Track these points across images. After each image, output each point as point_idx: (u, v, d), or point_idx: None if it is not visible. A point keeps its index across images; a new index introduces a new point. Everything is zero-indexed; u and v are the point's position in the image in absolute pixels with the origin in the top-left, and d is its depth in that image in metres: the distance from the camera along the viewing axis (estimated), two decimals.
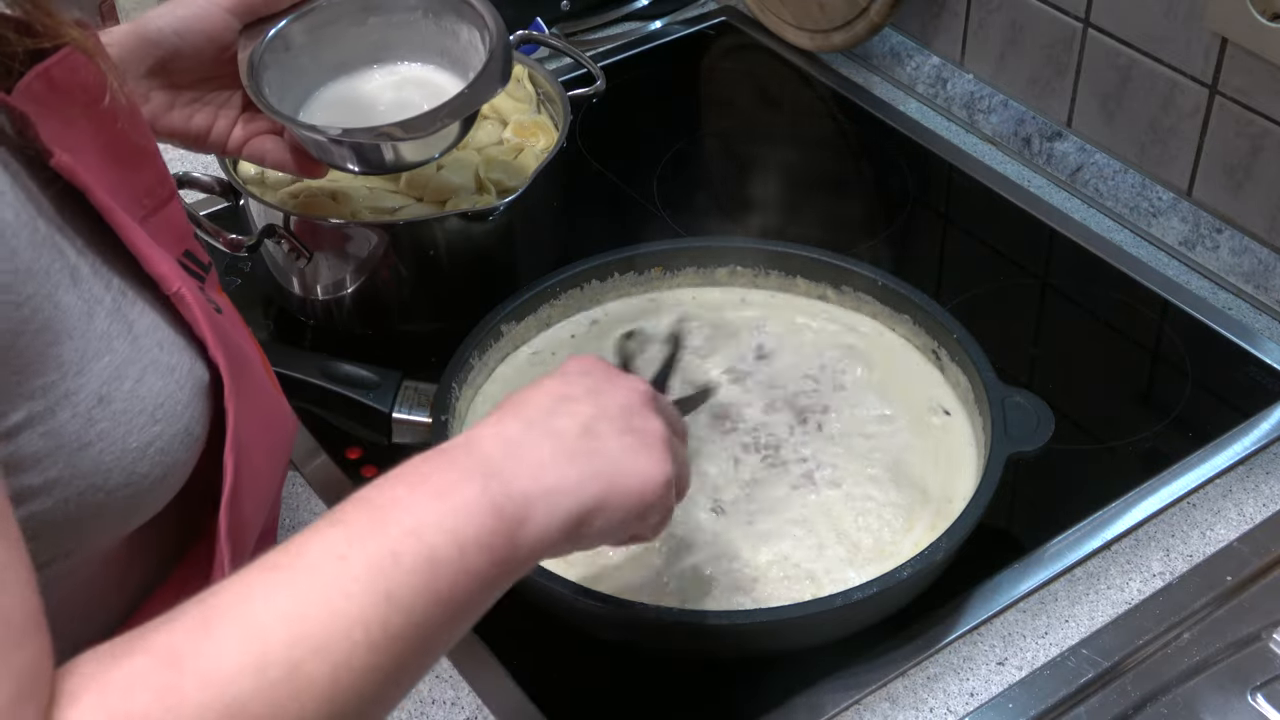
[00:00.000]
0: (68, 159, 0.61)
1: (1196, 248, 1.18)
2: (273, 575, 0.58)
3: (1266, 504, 0.98)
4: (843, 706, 0.86)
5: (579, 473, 0.69)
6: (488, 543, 0.63)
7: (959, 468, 0.95)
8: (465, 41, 1.01)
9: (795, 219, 1.17)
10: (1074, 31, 1.23)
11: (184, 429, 0.65)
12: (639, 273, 1.08)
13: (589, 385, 0.74)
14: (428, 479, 0.64)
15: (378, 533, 0.60)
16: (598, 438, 0.71)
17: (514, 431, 0.69)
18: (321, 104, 1.02)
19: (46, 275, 0.57)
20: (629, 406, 0.74)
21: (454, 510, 0.63)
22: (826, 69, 1.45)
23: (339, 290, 1.11)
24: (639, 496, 0.71)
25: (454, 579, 0.61)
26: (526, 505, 0.65)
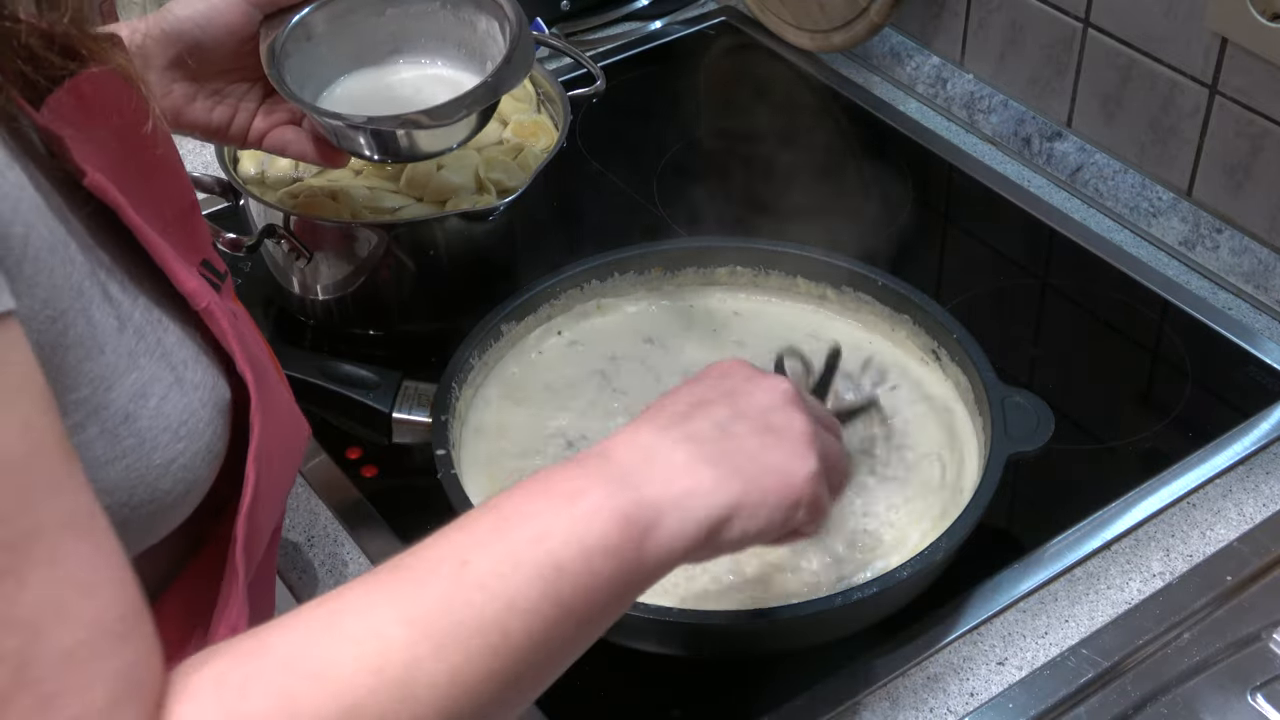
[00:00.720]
0: (100, 178, 0.61)
1: (1196, 248, 1.18)
2: (394, 578, 0.58)
3: (1266, 504, 0.98)
4: (843, 706, 0.86)
5: (714, 475, 0.67)
6: (615, 549, 0.62)
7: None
8: (483, 32, 1.01)
9: (795, 219, 1.17)
10: (1074, 31, 1.23)
11: (205, 446, 0.65)
12: (639, 273, 1.08)
13: (726, 388, 0.73)
14: (555, 487, 0.64)
15: (501, 539, 0.60)
16: (735, 439, 0.70)
17: (647, 438, 0.68)
18: (341, 93, 1.02)
19: (80, 292, 0.58)
20: (768, 405, 0.72)
21: (580, 517, 0.62)
22: (826, 69, 1.45)
23: (339, 290, 1.11)
24: (781, 494, 0.69)
25: (578, 587, 0.60)
26: (657, 512, 0.64)
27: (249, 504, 0.68)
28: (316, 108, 0.97)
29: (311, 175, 1.13)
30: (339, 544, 0.98)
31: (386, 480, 1.02)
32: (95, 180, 0.61)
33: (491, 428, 1.00)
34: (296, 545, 0.98)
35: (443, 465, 0.91)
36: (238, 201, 1.11)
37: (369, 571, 0.59)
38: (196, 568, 0.74)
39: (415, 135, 0.97)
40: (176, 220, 0.70)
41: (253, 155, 1.15)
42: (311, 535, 0.99)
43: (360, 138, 0.97)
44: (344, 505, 1.00)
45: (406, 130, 0.96)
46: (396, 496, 1.01)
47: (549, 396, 1.02)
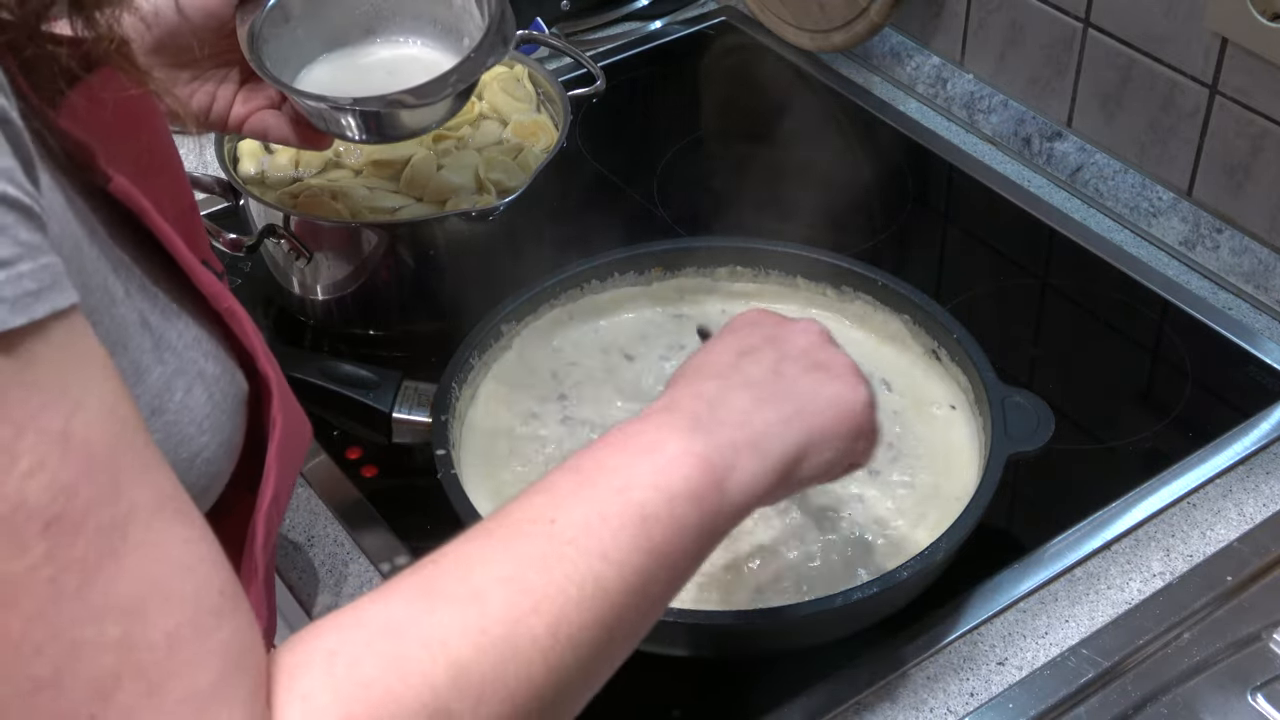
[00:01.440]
0: (124, 182, 0.61)
1: (1196, 248, 1.18)
2: (486, 542, 0.59)
3: (1266, 504, 0.98)
4: (843, 706, 0.86)
5: (780, 414, 0.69)
6: (697, 493, 0.63)
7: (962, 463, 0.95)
8: (459, 7, 1.00)
9: (795, 219, 1.17)
10: (1074, 31, 1.23)
11: (227, 439, 0.65)
12: (639, 273, 1.08)
13: (764, 334, 0.75)
14: (631, 439, 0.65)
15: (585, 494, 0.62)
16: (788, 379, 0.72)
17: (709, 388, 0.70)
18: (320, 74, 1.01)
19: (104, 290, 0.58)
20: (809, 344, 0.75)
21: (661, 466, 0.63)
22: (826, 69, 1.45)
23: (339, 290, 1.11)
24: (847, 424, 0.72)
25: (665, 532, 0.61)
26: (734, 453, 0.66)
27: (270, 499, 0.69)
28: (298, 90, 0.96)
29: (311, 175, 1.14)
30: (339, 544, 0.98)
31: (386, 480, 1.02)
32: (120, 185, 0.61)
33: (492, 428, 1.00)
34: (296, 545, 0.98)
35: (443, 465, 0.91)
36: (238, 201, 1.11)
37: (456, 538, 0.60)
38: None
39: (398, 115, 0.96)
40: (180, 219, 0.70)
41: (252, 155, 1.15)
42: (311, 535, 0.99)
43: (343, 119, 0.96)
44: (344, 505, 1.00)
45: (390, 110, 0.95)
46: (396, 496, 1.01)
47: (549, 396, 1.02)
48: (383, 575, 0.95)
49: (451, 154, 1.13)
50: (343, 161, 1.15)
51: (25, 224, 0.47)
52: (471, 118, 1.18)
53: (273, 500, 0.69)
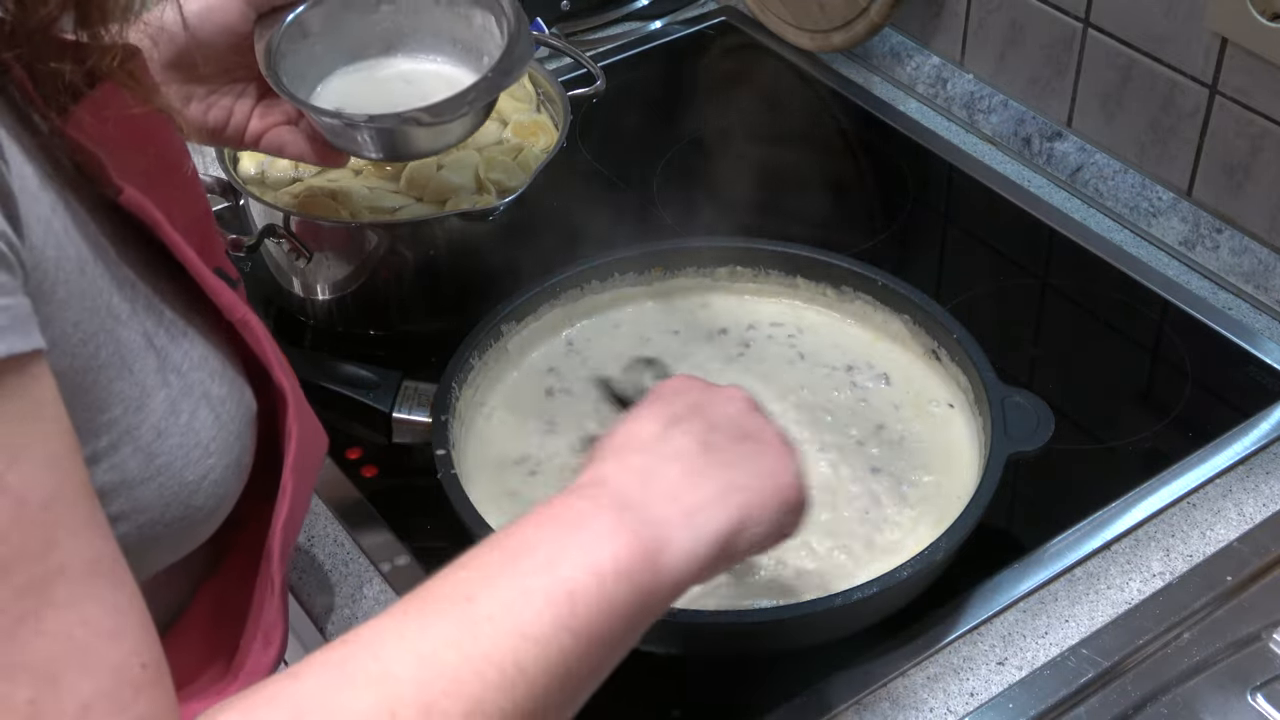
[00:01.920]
0: (135, 195, 0.60)
1: (1196, 248, 1.18)
2: (401, 620, 0.57)
3: (1266, 504, 0.98)
4: (843, 706, 0.86)
5: (715, 487, 0.67)
6: (627, 570, 0.61)
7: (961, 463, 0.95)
8: (479, 27, 1.00)
9: (795, 219, 1.17)
10: (1074, 31, 1.23)
11: (235, 460, 0.65)
12: (639, 273, 1.08)
13: (689, 402, 0.73)
14: (558, 516, 0.63)
15: (508, 570, 0.59)
16: (719, 450, 0.70)
17: (636, 461, 0.68)
18: (337, 91, 1.01)
19: (108, 311, 0.57)
20: (736, 413, 0.73)
21: (590, 541, 0.61)
22: (826, 69, 1.45)
23: (339, 290, 1.11)
24: (778, 496, 0.70)
25: (593, 611, 0.59)
26: (667, 528, 0.64)
27: (287, 514, 0.68)
28: (314, 106, 0.96)
29: (311, 175, 1.14)
30: (339, 544, 0.98)
31: (386, 480, 1.02)
32: (131, 197, 0.60)
33: (491, 428, 1.00)
34: (297, 545, 0.98)
35: (443, 465, 0.91)
36: (238, 201, 1.11)
37: (375, 616, 0.57)
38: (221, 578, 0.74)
39: (414, 133, 0.96)
40: (192, 228, 0.69)
41: (253, 155, 1.15)
42: (311, 535, 0.99)
43: (358, 136, 0.96)
44: (344, 505, 1.00)
45: (405, 128, 0.95)
46: (396, 496, 1.01)
47: (549, 395, 1.02)
48: (383, 575, 0.95)
49: (451, 154, 1.13)
50: None
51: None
52: None
53: (288, 515, 0.68)
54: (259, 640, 0.70)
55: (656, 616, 0.63)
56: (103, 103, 0.61)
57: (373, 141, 0.97)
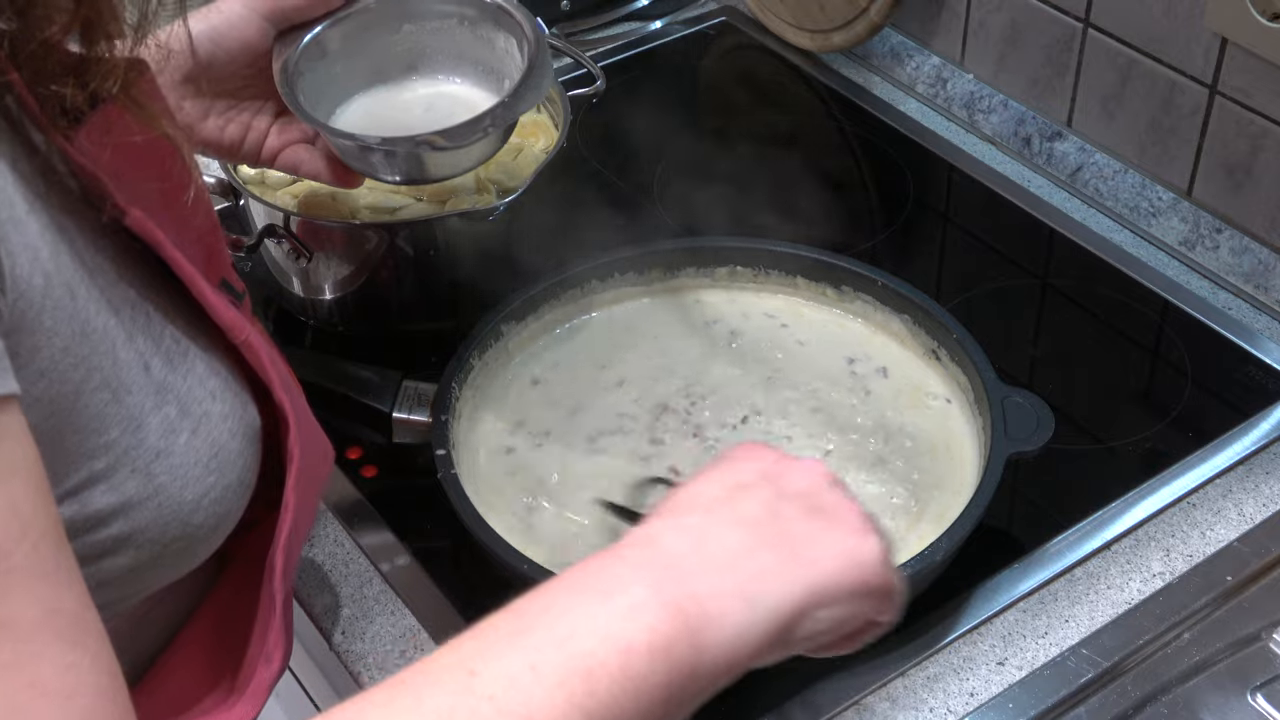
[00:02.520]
0: (139, 216, 0.59)
1: (1196, 248, 1.18)
2: (395, 692, 0.52)
3: (1266, 504, 0.98)
4: (843, 706, 0.86)
5: (779, 561, 0.60)
6: (664, 649, 0.54)
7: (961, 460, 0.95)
8: (501, 50, 0.99)
9: (795, 219, 1.17)
10: (1074, 31, 1.23)
11: (237, 479, 0.64)
12: (639, 272, 1.08)
13: (761, 469, 0.66)
14: (590, 580, 0.57)
15: (519, 642, 0.53)
16: (787, 520, 0.62)
17: (693, 522, 0.61)
18: (355, 112, 1.00)
19: (105, 333, 0.56)
20: (812, 486, 0.65)
21: (618, 613, 0.55)
22: (826, 69, 1.45)
23: (339, 290, 1.11)
24: (856, 577, 0.62)
25: (616, 693, 0.52)
26: (716, 601, 0.57)
27: (288, 533, 0.67)
28: (330, 128, 0.95)
29: None
30: (339, 544, 0.98)
31: (386, 480, 1.02)
32: (136, 219, 0.59)
33: (491, 427, 1.00)
34: None
35: (443, 465, 0.91)
36: (238, 201, 1.11)
37: (373, 687, 0.53)
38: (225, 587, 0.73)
39: (431, 157, 0.94)
40: (199, 241, 0.69)
41: None
42: (311, 535, 0.99)
43: (374, 159, 0.95)
44: (344, 505, 1.00)
45: (421, 152, 0.93)
46: (396, 496, 1.01)
47: (549, 395, 1.02)
48: (382, 575, 0.95)
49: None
50: None
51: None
52: None
53: (290, 533, 0.68)
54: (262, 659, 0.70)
55: (699, 701, 0.57)
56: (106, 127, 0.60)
57: (389, 164, 0.95)
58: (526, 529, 0.93)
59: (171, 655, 0.69)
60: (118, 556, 0.58)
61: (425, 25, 1.01)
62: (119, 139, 0.61)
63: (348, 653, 0.91)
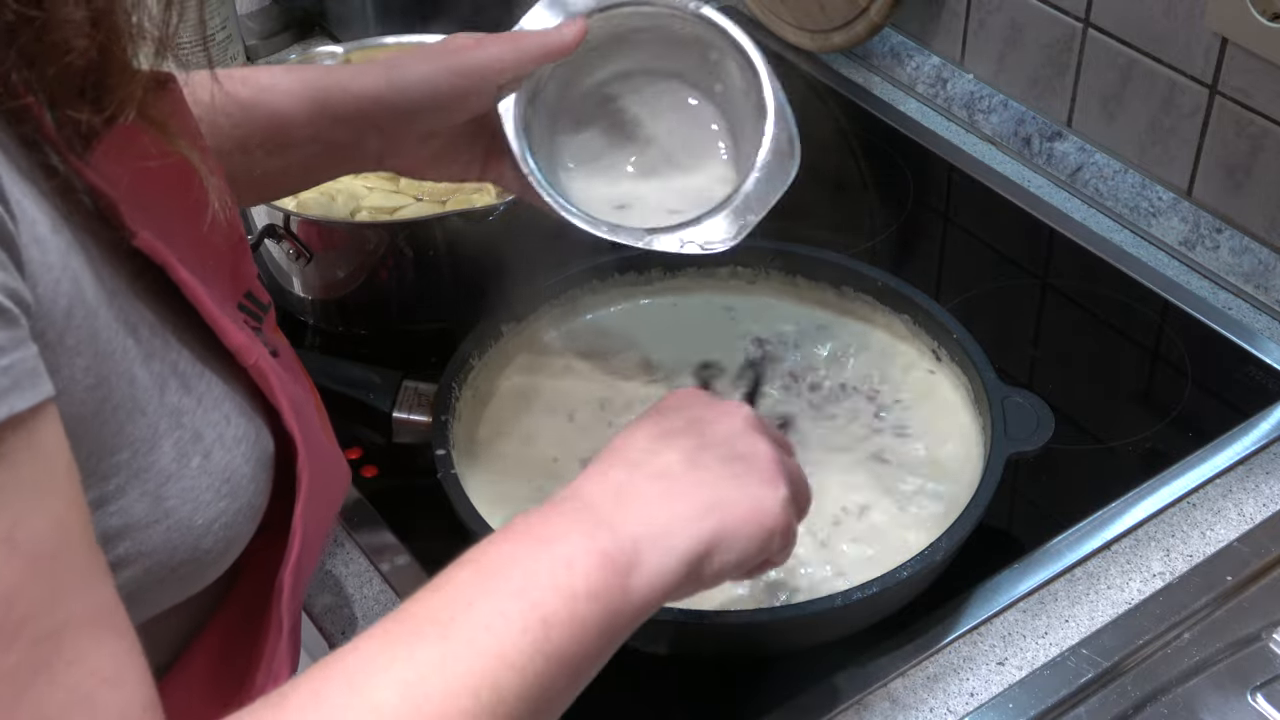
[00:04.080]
0: (149, 238, 0.59)
1: (1196, 248, 1.18)
2: (382, 643, 0.57)
3: (1266, 504, 0.98)
4: (843, 706, 0.86)
5: (690, 509, 0.67)
6: (599, 592, 0.61)
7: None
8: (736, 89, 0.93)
9: (795, 219, 1.17)
10: (1074, 31, 1.23)
11: (248, 503, 0.64)
12: (639, 272, 1.08)
13: (689, 417, 0.73)
14: (533, 532, 0.64)
15: (484, 594, 0.59)
16: (704, 469, 0.69)
17: (618, 476, 0.68)
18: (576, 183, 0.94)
19: (124, 353, 0.56)
20: (732, 433, 0.72)
21: (562, 563, 0.61)
22: (826, 69, 1.45)
23: (339, 290, 1.11)
24: (757, 523, 0.69)
25: (566, 634, 0.59)
26: (637, 550, 0.64)
27: (295, 559, 0.67)
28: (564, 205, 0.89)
29: None
30: (339, 544, 0.98)
31: (386, 480, 1.02)
32: (145, 240, 0.59)
33: (491, 428, 1.00)
34: None
35: (443, 465, 0.91)
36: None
37: (352, 641, 0.58)
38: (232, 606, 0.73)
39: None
40: (223, 257, 0.68)
41: None
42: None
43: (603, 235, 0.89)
44: (344, 505, 1.00)
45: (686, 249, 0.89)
46: (396, 496, 1.01)
47: (548, 395, 1.02)
48: (382, 575, 0.95)
49: None
50: None
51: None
52: None
53: (298, 559, 0.68)
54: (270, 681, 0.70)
55: (626, 635, 0.64)
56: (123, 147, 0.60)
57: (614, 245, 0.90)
58: None
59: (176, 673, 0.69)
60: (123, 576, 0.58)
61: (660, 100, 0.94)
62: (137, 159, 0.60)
63: None
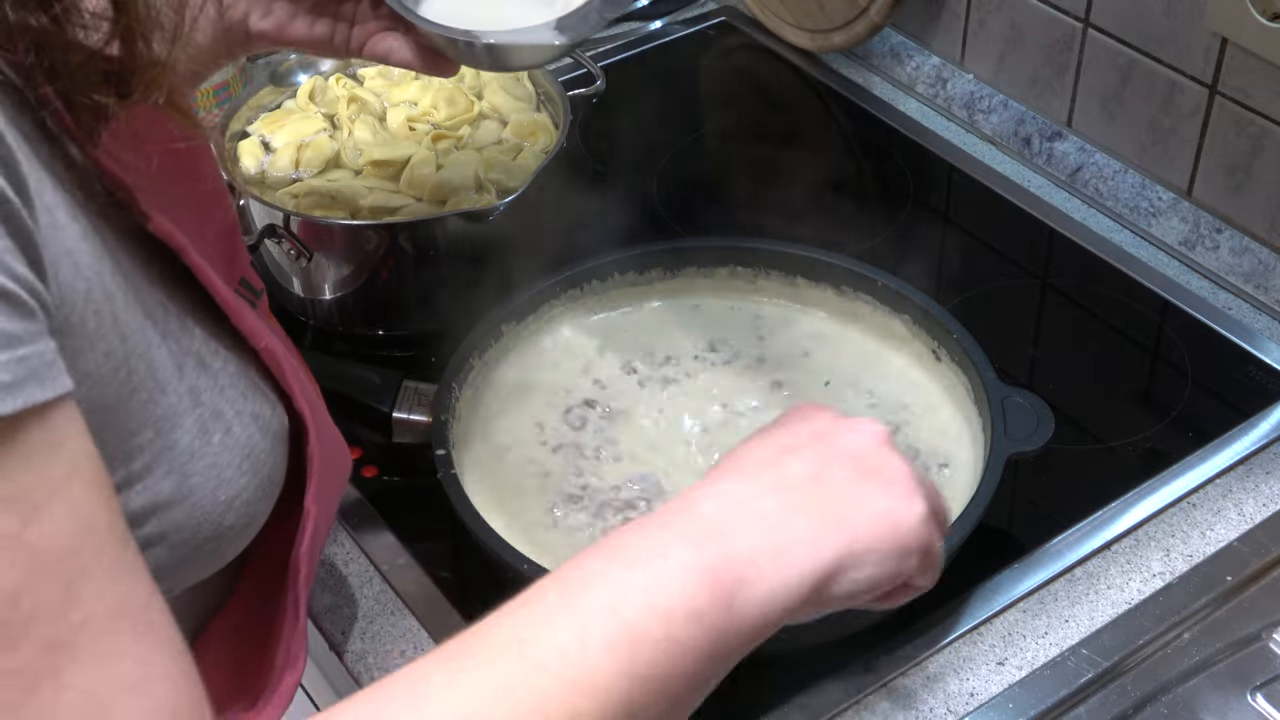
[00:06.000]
0: (164, 222, 0.59)
1: (1196, 248, 1.18)
2: (449, 667, 0.54)
3: (1266, 504, 0.98)
4: (843, 706, 0.86)
5: (814, 524, 0.62)
6: (701, 612, 0.57)
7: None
8: None
9: (795, 219, 1.17)
10: (1074, 31, 1.23)
11: (267, 478, 0.64)
12: (639, 272, 1.08)
13: (813, 431, 0.67)
14: (631, 547, 0.59)
15: (567, 611, 0.55)
16: (831, 484, 0.64)
17: (734, 489, 0.63)
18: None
19: (142, 335, 0.56)
20: (862, 447, 0.66)
21: (658, 578, 0.57)
22: (826, 69, 1.45)
23: (339, 290, 1.11)
24: (891, 540, 0.63)
25: (659, 656, 0.55)
26: (751, 566, 0.59)
27: (310, 538, 0.67)
28: (419, 17, 0.90)
29: (311, 175, 1.14)
30: (339, 544, 0.98)
31: (386, 480, 1.02)
32: (160, 225, 0.59)
33: (491, 428, 1.00)
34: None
35: (443, 465, 0.91)
36: (238, 201, 1.11)
37: (424, 656, 0.55)
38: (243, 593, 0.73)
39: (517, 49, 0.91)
40: (218, 241, 0.68)
41: (253, 155, 1.15)
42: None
43: (462, 49, 0.90)
44: (344, 505, 1.00)
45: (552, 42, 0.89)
46: (396, 496, 1.01)
47: (549, 395, 1.02)
48: (382, 575, 0.95)
49: (451, 154, 1.13)
50: (343, 161, 1.15)
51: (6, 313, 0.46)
52: (471, 117, 1.18)
53: (312, 538, 0.68)
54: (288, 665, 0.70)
55: (736, 658, 0.59)
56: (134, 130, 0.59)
57: (487, 57, 0.92)
58: (527, 528, 0.93)
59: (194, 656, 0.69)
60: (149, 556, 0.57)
61: None
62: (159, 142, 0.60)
63: (348, 653, 0.91)
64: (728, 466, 0.65)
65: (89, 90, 0.54)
